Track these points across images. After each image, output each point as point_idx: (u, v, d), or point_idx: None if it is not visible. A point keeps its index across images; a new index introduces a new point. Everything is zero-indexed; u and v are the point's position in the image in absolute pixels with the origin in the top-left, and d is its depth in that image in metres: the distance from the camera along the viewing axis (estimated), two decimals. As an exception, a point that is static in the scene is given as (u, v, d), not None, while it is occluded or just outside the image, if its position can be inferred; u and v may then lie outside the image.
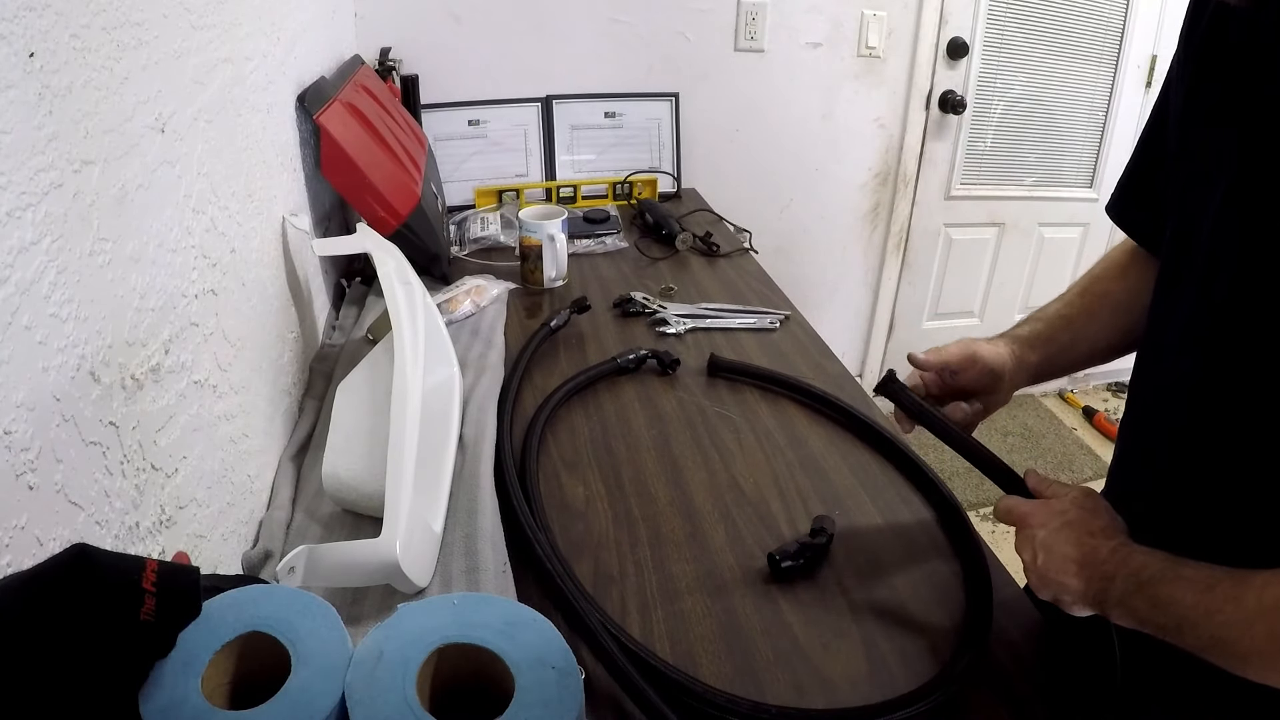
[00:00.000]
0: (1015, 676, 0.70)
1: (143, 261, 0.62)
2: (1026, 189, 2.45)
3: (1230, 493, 0.64)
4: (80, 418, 0.52)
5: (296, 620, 0.50)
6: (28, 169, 0.47)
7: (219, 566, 0.74)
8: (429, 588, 0.75)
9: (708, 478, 0.94)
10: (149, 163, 0.63)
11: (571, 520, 0.86)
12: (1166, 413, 0.70)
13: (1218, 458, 0.64)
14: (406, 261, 1.05)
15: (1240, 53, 0.60)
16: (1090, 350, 0.81)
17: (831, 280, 2.39)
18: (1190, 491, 0.67)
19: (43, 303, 0.49)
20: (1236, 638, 0.52)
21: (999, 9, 2.17)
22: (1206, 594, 0.54)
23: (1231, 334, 0.61)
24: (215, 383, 0.75)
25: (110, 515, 0.55)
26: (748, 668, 0.70)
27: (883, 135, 2.22)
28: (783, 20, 1.98)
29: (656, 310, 1.29)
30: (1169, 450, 0.70)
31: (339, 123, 1.17)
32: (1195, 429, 0.66)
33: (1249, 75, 0.59)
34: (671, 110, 1.90)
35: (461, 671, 0.52)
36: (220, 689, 0.48)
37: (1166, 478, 0.70)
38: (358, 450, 0.81)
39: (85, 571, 0.40)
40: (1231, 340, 0.61)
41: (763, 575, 0.80)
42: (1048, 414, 2.68)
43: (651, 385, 1.11)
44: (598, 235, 1.59)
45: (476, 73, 1.81)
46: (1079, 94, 2.35)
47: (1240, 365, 0.61)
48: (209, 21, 0.79)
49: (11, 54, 0.46)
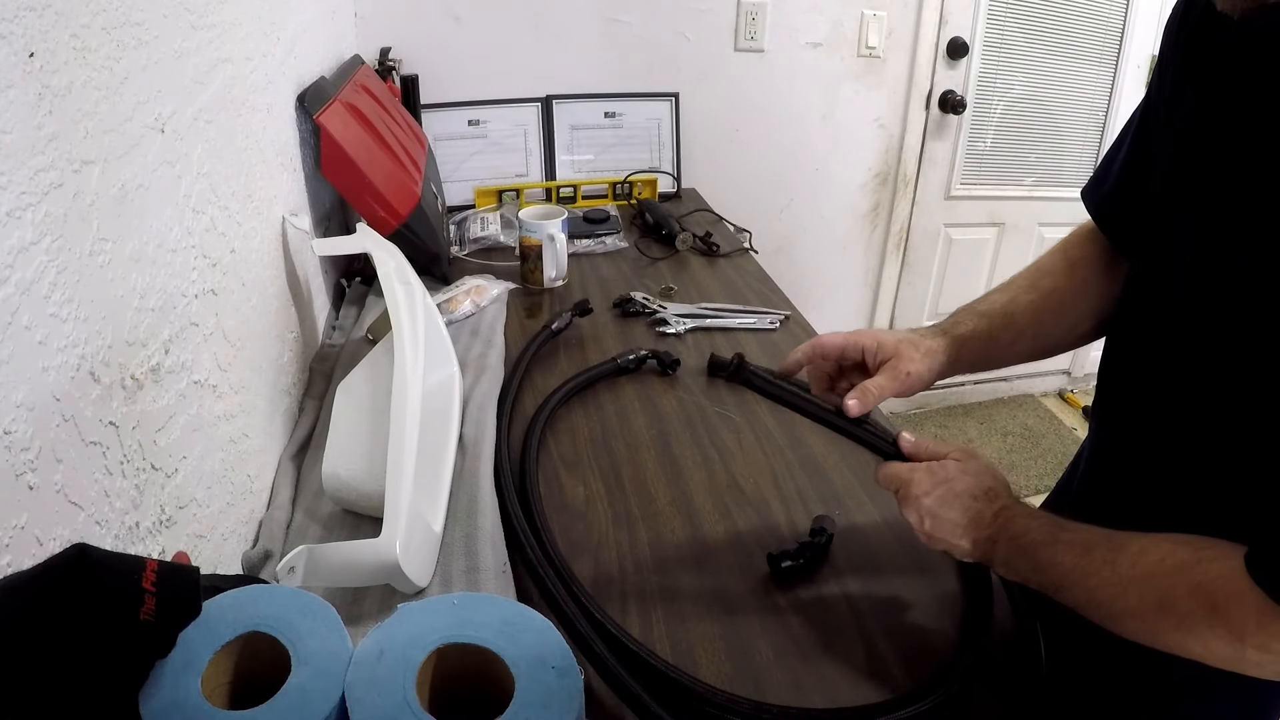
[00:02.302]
0: (1015, 676, 0.70)
1: (143, 261, 0.62)
2: (1026, 189, 2.46)
3: (1196, 481, 0.65)
4: (80, 418, 0.52)
5: (296, 620, 0.50)
6: (28, 169, 0.47)
7: (219, 566, 0.74)
8: (429, 588, 0.75)
9: (708, 478, 0.94)
10: (149, 163, 0.63)
11: (571, 520, 0.86)
12: (1135, 404, 0.70)
13: (1186, 448, 0.65)
14: (406, 261, 1.05)
15: (1228, 54, 0.60)
16: (1032, 348, 0.80)
17: (831, 280, 2.39)
18: (1159, 482, 0.68)
19: (43, 303, 0.49)
20: (1111, 599, 0.56)
21: (999, 9, 2.17)
22: (1083, 557, 0.58)
23: (1195, 329, 0.62)
24: (215, 383, 0.75)
25: (110, 515, 0.55)
26: (748, 668, 0.70)
27: (883, 135, 2.22)
28: (783, 20, 1.98)
29: (656, 310, 1.29)
30: (1139, 441, 0.71)
31: (339, 123, 1.17)
32: (1162, 422, 0.67)
33: (1234, 80, 0.59)
34: (671, 110, 1.90)
35: (461, 671, 0.52)
36: (220, 689, 0.48)
37: (1137, 470, 0.71)
38: (358, 450, 0.81)
39: (85, 571, 0.40)
40: (1195, 336, 0.62)
41: (763, 575, 0.80)
42: (1048, 414, 2.68)
43: (651, 385, 1.11)
44: (598, 235, 1.59)
45: (476, 73, 1.80)
46: (1079, 94, 2.35)
47: (1203, 359, 0.62)
48: (209, 21, 0.79)
49: (11, 54, 0.46)
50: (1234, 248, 0.58)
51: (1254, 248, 0.56)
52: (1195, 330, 0.62)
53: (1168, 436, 0.67)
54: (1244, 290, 0.57)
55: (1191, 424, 0.64)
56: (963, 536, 0.66)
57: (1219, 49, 0.60)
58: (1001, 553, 0.64)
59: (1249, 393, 0.58)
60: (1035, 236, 2.52)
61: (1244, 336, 0.58)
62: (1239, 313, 0.58)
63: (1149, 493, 0.69)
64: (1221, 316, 0.60)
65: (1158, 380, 0.67)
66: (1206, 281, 0.61)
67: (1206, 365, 0.61)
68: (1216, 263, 0.60)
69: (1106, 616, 0.57)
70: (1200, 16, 0.62)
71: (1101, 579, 0.57)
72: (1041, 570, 0.61)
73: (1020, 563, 0.63)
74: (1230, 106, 0.58)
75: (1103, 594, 0.57)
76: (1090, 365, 0.84)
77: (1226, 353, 0.60)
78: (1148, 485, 0.70)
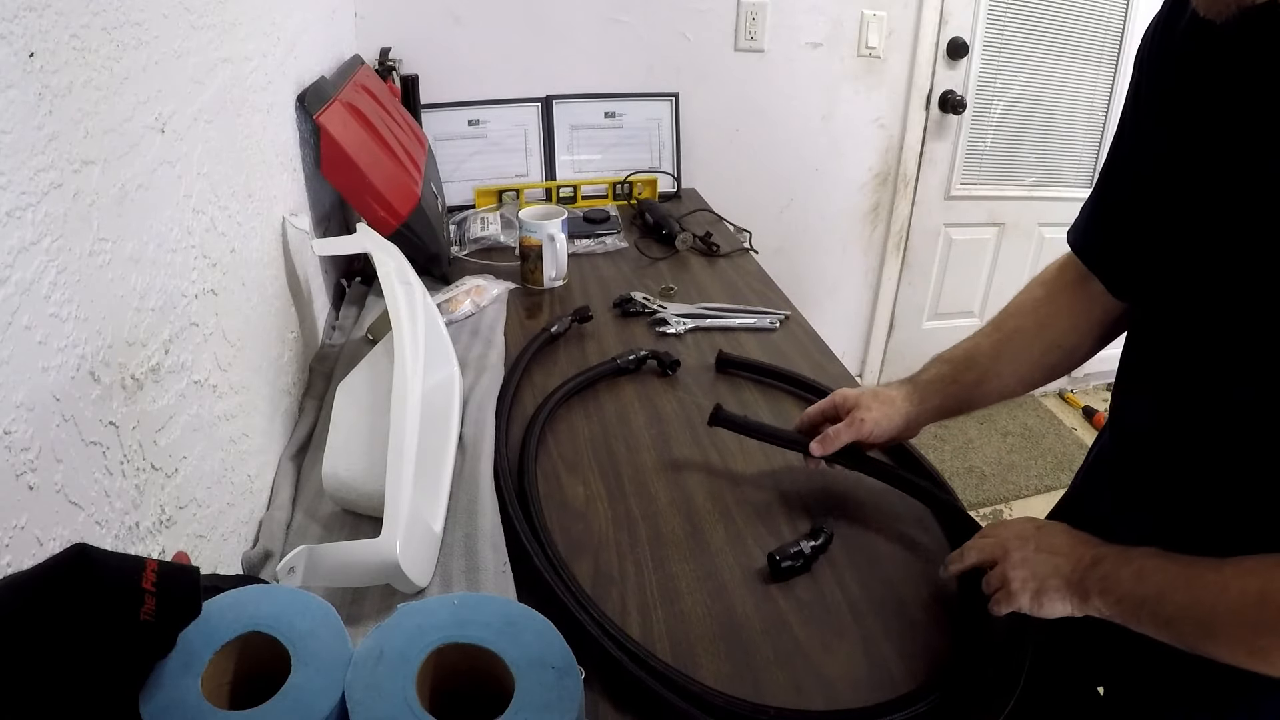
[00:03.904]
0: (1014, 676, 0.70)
1: (143, 261, 0.62)
2: (1026, 189, 2.45)
3: (1214, 497, 0.65)
4: (80, 418, 0.52)
5: (296, 620, 0.50)
6: (28, 169, 0.47)
7: (219, 566, 0.74)
8: (429, 588, 0.75)
9: (708, 478, 0.94)
10: (149, 163, 0.63)
11: (571, 520, 0.86)
12: (1141, 421, 0.72)
13: (1198, 468, 0.66)
14: (406, 261, 1.05)
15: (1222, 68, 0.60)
16: (1000, 386, 0.84)
17: (831, 280, 2.39)
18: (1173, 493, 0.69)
19: (43, 303, 0.49)
20: (1214, 599, 0.57)
21: (999, 9, 2.17)
22: (1191, 565, 0.59)
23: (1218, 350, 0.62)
24: (215, 383, 0.75)
25: (110, 515, 0.55)
26: (747, 668, 0.70)
27: (883, 135, 2.22)
28: (783, 20, 1.97)
29: (656, 310, 1.29)
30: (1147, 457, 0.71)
31: (339, 123, 1.17)
32: (1167, 439, 0.68)
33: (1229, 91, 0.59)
34: (671, 110, 1.90)
35: (461, 671, 0.52)
36: (220, 689, 0.48)
37: (1146, 491, 0.72)
38: (358, 450, 0.81)
39: (85, 571, 0.40)
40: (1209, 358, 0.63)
41: (763, 575, 0.80)
42: (1048, 414, 2.68)
43: (651, 385, 1.11)
44: (598, 235, 1.59)
45: (476, 73, 1.80)
46: (1079, 94, 2.35)
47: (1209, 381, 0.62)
48: (209, 21, 0.79)
49: (11, 54, 0.46)
50: (1220, 254, 0.59)
51: (1242, 254, 0.57)
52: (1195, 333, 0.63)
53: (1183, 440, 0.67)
54: (1232, 295, 0.58)
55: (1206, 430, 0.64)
56: (1065, 556, 0.67)
57: (1199, 62, 0.60)
58: (1107, 565, 0.64)
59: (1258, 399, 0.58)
60: (1035, 236, 2.52)
61: (1240, 336, 0.58)
62: (1225, 315, 0.59)
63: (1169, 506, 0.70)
64: (1211, 317, 0.60)
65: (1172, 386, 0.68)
66: (1196, 286, 0.61)
67: (1218, 373, 0.62)
68: (1204, 269, 0.60)
69: (1205, 621, 0.57)
70: (1183, 34, 0.63)
71: (1206, 580, 0.57)
72: (1145, 577, 0.61)
73: (1124, 571, 0.62)
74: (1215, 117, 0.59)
75: (1206, 593, 0.57)
76: (1090, 366, 0.85)
77: (1227, 357, 0.60)
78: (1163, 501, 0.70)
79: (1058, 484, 2.32)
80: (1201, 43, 0.60)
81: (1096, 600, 0.64)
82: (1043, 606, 0.67)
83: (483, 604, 0.54)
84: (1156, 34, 0.67)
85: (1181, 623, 0.59)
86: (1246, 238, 0.57)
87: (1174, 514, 0.69)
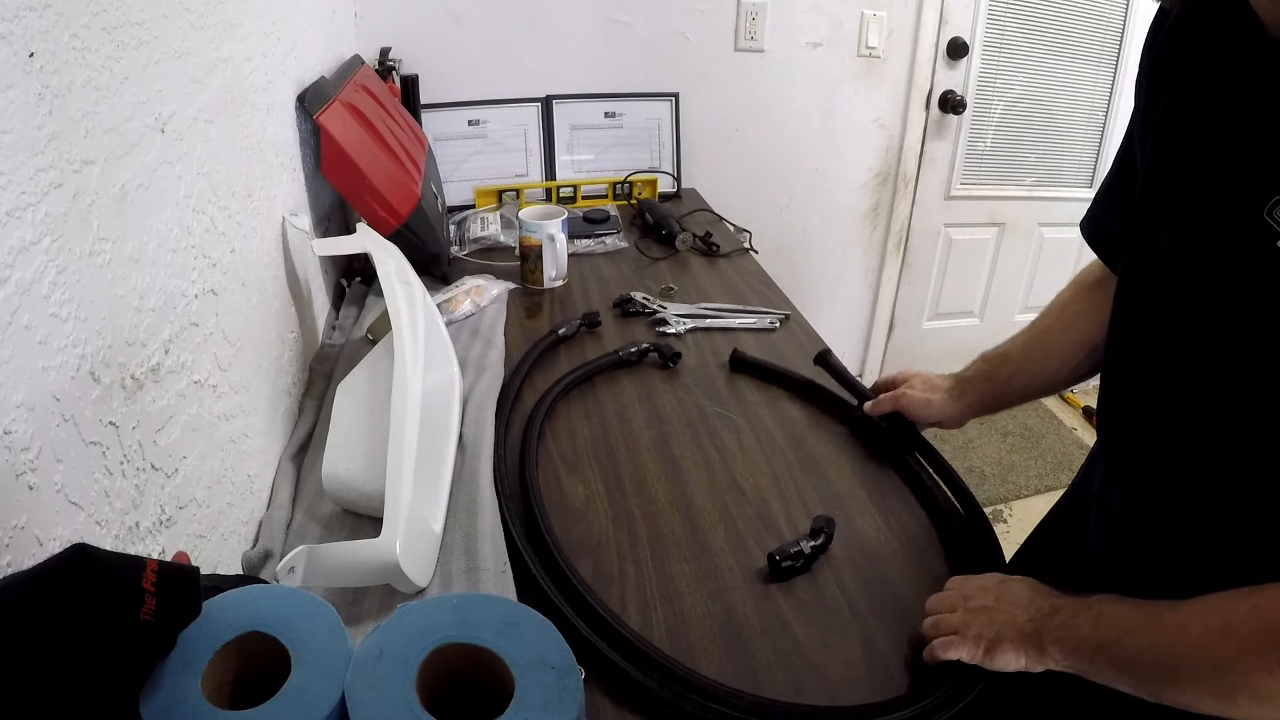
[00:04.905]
0: (1014, 676, 0.70)
1: (143, 261, 0.62)
2: (1026, 189, 2.45)
3: (1197, 508, 0.64)
4: (80, 418, 0.52)
5: (296, 620, 0.50)
6: (28, 169, 0.47)
7: (219, 566, 0.74)
8: (429, 588, 0.75)
9: (708, 478, 0.94)
10: (149, 163, 0.63)
11: (571, 520, 0.86)
12: (1126, 421, 0.70)
13: (1178, 476, 0.64)
14: (406, 261, 1.05)
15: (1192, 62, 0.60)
16: (1030, 383, 0.87)
17: (831, 280, 2.39)
18: (1156, 505, 0.67)
19: (43, 303, 0.49)
20: (1174, 638, 0.55)
21: (999, 9, 2.17)
22: (1149, 606, 0.58)
23: (1180, 343, 0.62)
24: (215, 383, 0.75)
25: (110, 515, 0.55)
26: (747, 667, 0.70)
27: (883, 135, 2.22)
28: (783, 20, 1.97)
29: (656, 310, 1.29)
30: (1132, 457, 0.70)
31: (339, 123, 1.17)
32: (1152, 438, 0.66)
33: (1200, 83, 0.59)
34: (671, 110, 1.90)
35: (461, 671, 0.52)
36: (220, 689, 0.48)
37: (1131, 488, 0.70)
38: (358, 450, 0.81)
39: (85, 571, 0.40)
40: (1180, 350, 0.62)
41: (763, 575, 0.80)
42: (1048, 414, 2.68)
43: (652, 383, 1.11)
44: (598, 235, 1.59)
45: (476, 73, 1.80)
46: (1079, 94, 2.35)
47: (1189, 378, 0.61)
48: (209, 21, 0.79)
49: (11, 54, 0.46)
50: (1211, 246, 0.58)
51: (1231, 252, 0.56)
52: (1181, 325, 0.62)
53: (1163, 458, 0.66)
54: (1225, 286, 0.57)
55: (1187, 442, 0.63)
56: (1026, 606, 0.66)
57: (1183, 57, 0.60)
58: (1064, 613, 0.63)
59: (1248, 402, 0.57)
60: (1035, 236, 2.52)
61: (1236, 334, 0.58)
62: (1221, 302, 0.58)
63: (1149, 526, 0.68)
64: (1204, 306, 0.59)
65: (1150, 397, 0.66)
66: (1188, 276, 0.61)
67: (1194, 386, 0.61)
68: (1196, 258, 0.60)
69: (1166, 663, 0.56)
70: (1168, 31, 0.63)
71: (1165, 621, 0.56)
72: (1103, 622, 0.60)
73: (1082, 618, 0.61)
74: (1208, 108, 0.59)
75: (1165, 634, 0.56)
76: (1089, 366, 0.87)
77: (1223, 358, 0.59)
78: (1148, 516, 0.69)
79: (1057, 484, 2.32)
80: (1180, 37, 0.61)
81: (1053, 650, 0.62)
82: (995, 659, 0.65)
83: (483, 604, 0.54)
84: (1152, 29, 0.67)
85: (1142, 667, 0.57)
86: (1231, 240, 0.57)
87: (1172, 513, 0.68)
